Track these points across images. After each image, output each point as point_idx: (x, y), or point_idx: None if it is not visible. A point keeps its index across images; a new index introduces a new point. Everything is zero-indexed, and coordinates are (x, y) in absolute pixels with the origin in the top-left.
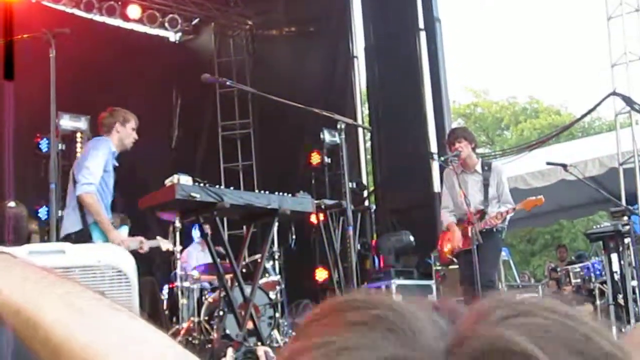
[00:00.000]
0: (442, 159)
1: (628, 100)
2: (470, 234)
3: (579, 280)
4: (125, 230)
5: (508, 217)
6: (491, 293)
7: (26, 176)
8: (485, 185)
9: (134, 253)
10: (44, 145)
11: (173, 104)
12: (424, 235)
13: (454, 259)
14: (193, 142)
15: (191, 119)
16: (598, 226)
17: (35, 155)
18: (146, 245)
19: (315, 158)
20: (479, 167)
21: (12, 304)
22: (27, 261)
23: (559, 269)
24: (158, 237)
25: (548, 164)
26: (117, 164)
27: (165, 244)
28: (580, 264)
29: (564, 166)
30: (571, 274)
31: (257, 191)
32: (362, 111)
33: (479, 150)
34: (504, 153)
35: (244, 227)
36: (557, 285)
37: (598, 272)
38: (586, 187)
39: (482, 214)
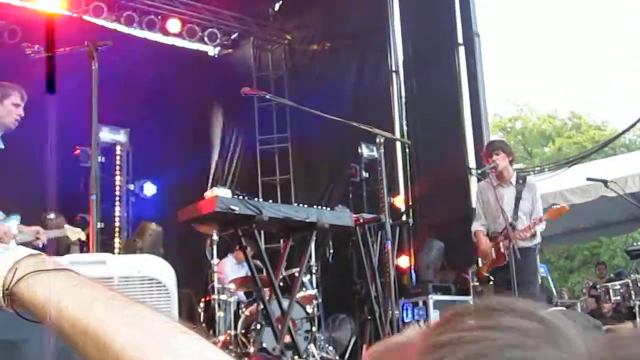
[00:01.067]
0: (479, 171)
1: None
2: (503, 250)
3: (618, 297)
4: (14, 221)
5: (538, 230)
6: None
7: (66, 188)
8: (517, 199)
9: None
10: (83, 157)
11: (212, 118)
12: (461, 250)
13: (491, 277)
14: (232, 155)
15: (230, 133)
16: (638, 243)
17: (75, 168)
18: (44, 236)
19: (352, 172)
20: (513, 180)
21: (80, 323)
22: (94, 280)
23: (598, 286)
24: (66, 226)
25: (588, 179)
26: (2, 146)
27: (74, 233)
28: (620, 282)
29: (605, 182)
30: (611, 291)
31: (295, 204)
32: (401, 126)
33: (517, 165)
34: (542, 168)
35: (282, 240)
36: (596, 302)
37: (638, 290)
38: (627, 203)
39: (511, 228)
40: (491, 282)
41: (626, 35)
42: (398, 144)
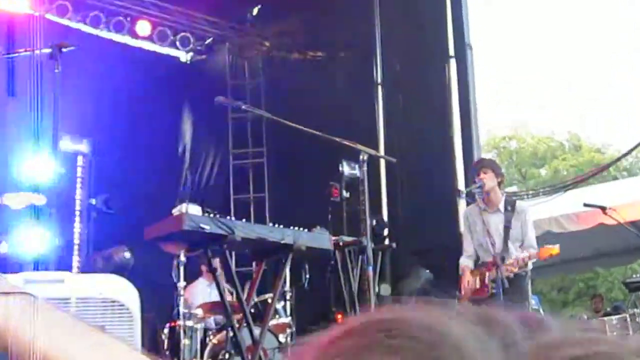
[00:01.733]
0: (466, 190)
1: None
2: (487, 281)
3: (615, 333)
4: None
5: (530, 262)
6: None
7: None
8: (506, 228)
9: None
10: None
11: (182, 129)
12: (447, 279)
13: None
14: (202, 169)
15: (200, 145)
16: (638, 275)
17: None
18: None
19: (332, 191)
20: (502, 206)
21: (38, 350)
22: (53, 306)
23: (593, 321)
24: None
25: (585, 205)
26: None
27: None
28: (617, 316)
29: (603, 209)
30: (607, 326)
31: (270, 224)
32: (386, 142)
33: (510, 189)
34: (536, 192)
35: (255, 263)
36: None
37: (637, 325)
38: (626, 232)
39: (501, 258)
40: None
41: (623, 44)
42: (382, 162)
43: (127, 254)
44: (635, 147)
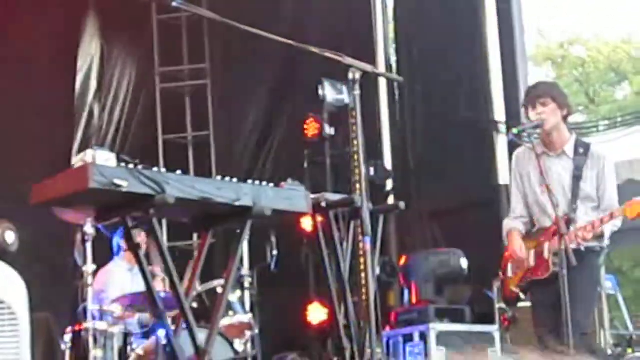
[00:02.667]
0: (515, 131)
1: None
2: (547, 254)
3: None
4: None
5: (607, 230)
6: (585, 349)
7: None
8: (576, 178)
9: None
10: None
11: (85, 38)
12: (483, 254)
13: (521, 294)
14: (115, 98)
15: (114, 62)
16: None
17: None
18: None
19: (311, 127)
20: (569, 149)
21: None
22: None
23: None
24: None
25: None
26: None
27: None
28: None
29: None
30: None
31: (218, 178)
32: (388, 57)
33: (572, 119)
34: (612, 122)
35: (196, 236)
36: None
37: None
38: None
39: (566, 221)
40: (522, 302)
41: None
42: (383, 84)
43: (9, 232)
44: None
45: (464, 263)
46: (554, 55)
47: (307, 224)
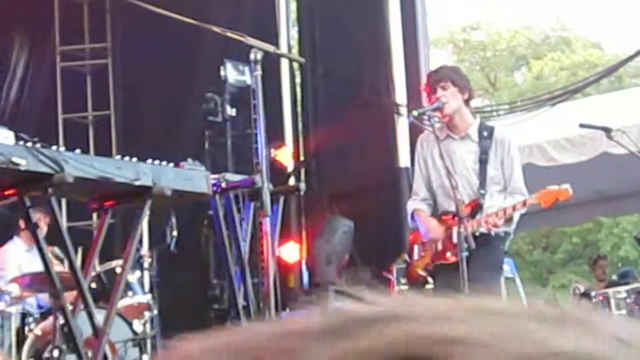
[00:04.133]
0: (416, 113)
1: None
2: (455, 239)
3: (624, 311)
4: None
5: (517, 215)
6: None
7: None
8: (483, 162)
9: None
10: None
11: None
12: (384, 234)
13: (429, 278)
14: (13, 76)
15: (10, 39)
16: None
17: None
18: None
19: (212, 107)
20: (473, 132)
21: None
22: None
23: (593, 294)
24: None
25: (582, 126)
26: None
27: None
28: (628, 287)
29: (607, 131)
30: (613, 301)
31: (117, 157)
32: (289, 36)
33: (473, 103)
34: (512, 107)
35: (96, 215)
36: None
37: None
38: None
39: (474, 207)
40: (428, 285)
41: None
42: (285, 65)
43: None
44: None
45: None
46: (455, 39)
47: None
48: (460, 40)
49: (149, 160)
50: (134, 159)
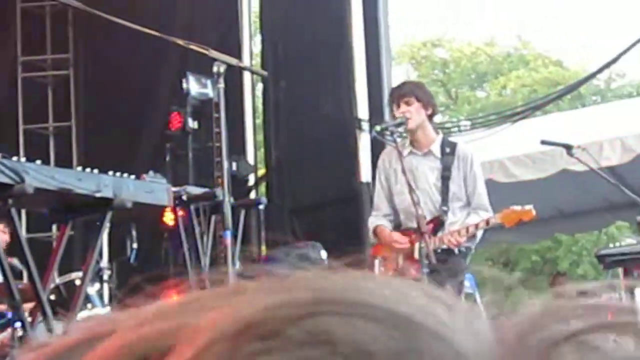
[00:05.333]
0: (379, 128)
1: None
2: (417, 255)
3: None
4: None
5: (479, 233)
6: None
7: None
8: (445, 178)
9: None
10: None
11: None
12: (342, 251)
13: None
14: None
15: None
16: (616, 244)
17: None
18: None
19: (174, 120)
20: (436, 148)
21: None
22: None
23: None
24: None
25: (543, 143)
26: None
27: None
28: None
29: (568, 148)
30: None
31: (78, 168)
32: (252, 50)
33: (436, 118)
34: (474, 123)
35: (56, 227)
36: None
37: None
38: (600, 182)
39: (436, 223)
40: None
41: None
42: (247, 78)
43: None
44: (614, 61)
45: (324, 254)
46: (416, 55)
47: (168, 217)
48: (421, 57)
49: (110, 172)
50: (95, 171)
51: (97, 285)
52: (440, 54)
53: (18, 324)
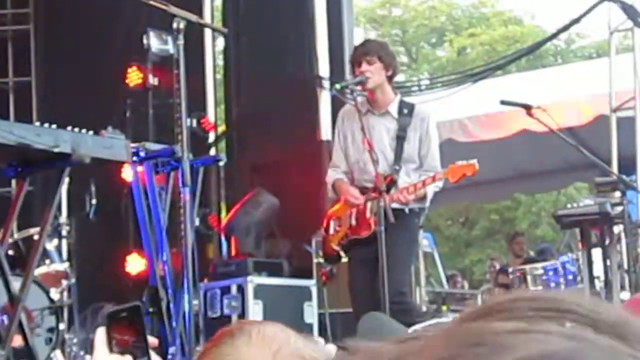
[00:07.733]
0: (338, 86)
1: (630, 10)
2: (369, 214)
3: (540, 287)
4: None
5: (430, 192)
6: (399, 309)
7: None
8: (400, 138)
9: None
10: None
11: None
12: (303, 207)
13: (342, 253)
14: None
15: None
16: (574, 205)
17: None
18: None
19: (134, 76)
20: (393, 109)
21: None
22: None
23: (510, 270)
24: None
25: (503, 103)
26: None
27: None
28: (545, 263)
29: (527, 108)
30: (529, 277)
31: (37, 124)
32: (213, 6)
33: (396, 78)
34: (433, 82)
35: (13, 182)
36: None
37: (571, 276)
38: (559, 143)
39: (389, 182)
40: (343, 260)
41: None
42: (208, 34)
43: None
44: (575, 21)
45: (271, 197)
46: (375, 17)
47: (127, 173)
48: (379, 16)
49: (69, 128)
50: (54, 126)
51: (55, 241)
52: (398, 13)
53: None
